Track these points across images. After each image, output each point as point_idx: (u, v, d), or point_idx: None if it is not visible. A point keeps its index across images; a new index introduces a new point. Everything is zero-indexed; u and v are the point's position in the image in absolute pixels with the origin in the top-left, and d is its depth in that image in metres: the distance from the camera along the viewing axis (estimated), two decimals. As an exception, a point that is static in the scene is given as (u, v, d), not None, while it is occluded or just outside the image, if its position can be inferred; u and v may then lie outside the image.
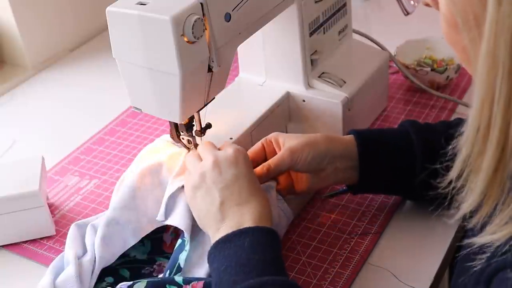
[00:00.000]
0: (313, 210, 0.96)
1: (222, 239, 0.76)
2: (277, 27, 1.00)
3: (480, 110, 0.54)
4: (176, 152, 0.90)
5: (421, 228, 0.91)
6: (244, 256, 0.73)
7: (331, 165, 0.87)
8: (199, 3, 0.78)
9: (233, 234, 0.75)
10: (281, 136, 0.89)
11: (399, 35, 1.28)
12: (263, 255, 0.74)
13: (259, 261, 0.73)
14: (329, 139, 0.88)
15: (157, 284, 0.80)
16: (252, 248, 0.74)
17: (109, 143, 1.17)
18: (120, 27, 0.80)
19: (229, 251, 0.74)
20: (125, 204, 0.87)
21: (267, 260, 0.74)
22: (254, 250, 0.74)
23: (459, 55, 0.61)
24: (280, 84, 1.05)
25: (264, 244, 0.75)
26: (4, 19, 1.37)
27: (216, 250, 0.75)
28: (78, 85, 1.37)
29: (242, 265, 0.72)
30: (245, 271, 0.72)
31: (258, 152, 0.90)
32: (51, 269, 0.85)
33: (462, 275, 0.65)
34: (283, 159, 0.86)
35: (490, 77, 0.53)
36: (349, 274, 0.85)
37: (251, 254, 0.73)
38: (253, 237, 0.74)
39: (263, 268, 0.73)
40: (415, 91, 1.21)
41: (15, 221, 0.93)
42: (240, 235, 0.75)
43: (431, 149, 0.86)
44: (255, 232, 0.75)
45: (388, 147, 0.89)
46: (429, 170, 0.82)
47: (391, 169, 0.88)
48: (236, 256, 0.73)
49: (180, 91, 0.80)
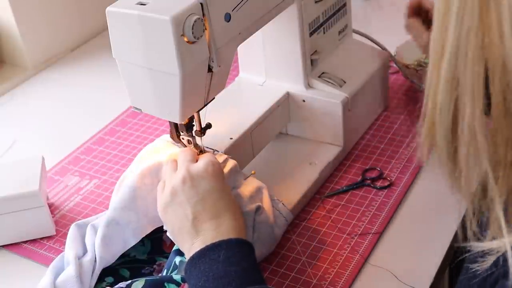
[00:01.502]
0: (313, 210, 0.96)
1: (196, 254, 0.75)
2: (277, 27, 1.00)
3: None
4: (176, 152, 0.90)
5: (421, 228, 0.91)
6: (221, 269, 0.73)
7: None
8: (199, 3, 0.78)
9: (207, 249, 0.75)
10: None
11: (399, 35, 1.27)
12: (240, 266, 0.73)
13: (236, 272, 0.73)
14: None
15: (155, 283, 0.80)
16: (228, 261, 0.73)
17: (109, 143, 1.17)
18: (120, 27, 0.80)
19: (204, 266, 0.74)
20: (126, 205, 0.87)
21: (244, 270, 0.73)
22: (230, 262, 0.73)
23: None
24: (280, 84, 1.05)
25: (240, 255, 0.74)
26: (4, 19, 1.37)
27: (191, 266, 0.75)
28: (78, 85, 1.37)
29: (220, 278, 0.72)
30: (224, 283, 0.72)
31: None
32: (51, 269, 0.85)
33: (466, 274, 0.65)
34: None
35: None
36: (349, 274, 0.85)
37: (227, 267, 0.73)
38: (228, 250, 0.74)
39: (241, 279, 0.72)
40: (415, 91, 1.21)
41: (15, 221, 0.94)
42: (214, 249, 0.74)
43: None
44: (229, 245, 0.75)
45: None
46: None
47: None
48: (213, 270, 0.73)
49: (180, 91, 0.80)
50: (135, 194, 0.87)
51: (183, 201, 0.79)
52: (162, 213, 0.81)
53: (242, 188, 0.86)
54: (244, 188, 0.86)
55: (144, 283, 0.80)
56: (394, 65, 1.21)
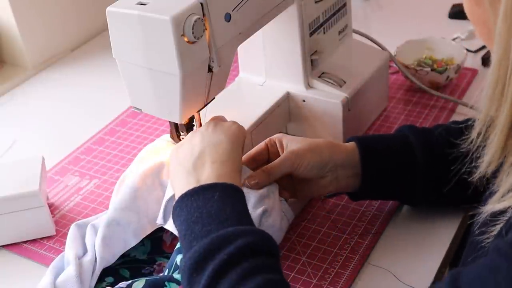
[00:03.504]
0: (313, 210, 0.96)
1: (190, 191, 0.74)
2: (277, 27, 1.00)
3: (497, 69, 0.59)
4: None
5: (421, 228, 0.91)
6: (215, 207, 0.71)
7: (332, 173, 0.86)
8: (199, 3, 0.78)
9: (202, 188, 0.74)
10: (285, 138, 0.88)
11: (399, 35, 1.28)
12: (234, 208, 0.72)
13: (232, 212, 0.71)
14: (332, 146, 0.87)
15: (156, 282, 0.80)
16: (223, 201, 0.72)
17: (109, 143, 1.17)
18: (120, 27, 0.80)
19: (198, 202, 0.72)
20: (126, 205, 0.87)
21: (239, 212, 0.72)
22: (225, 202, 0.72)
23: (479, 29, 0.65)
24: (280, 84, 1.05)
25: (234, 199, 0.73)
26: (4, 19, 1.37)
27: (183, 203, 0.74)
28: (78, 85, 1.37)
29: (215, 215, 0.71)
30: (220, 220, 0.70)
31: (261, 152, 0.89)
32: (51, 269, 0.85)
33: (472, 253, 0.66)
34: (284, 163, 0.85)
35: (507, 38, 0.57)
36: (349, 274, 0.85)
37: (222, 206, 0.72)
38: (223, 192, 0.73)
39: (238, 218, 0.71)
40: (415, 91, 1.21)
41: (15, 221, 0.93)
42: (209, 189, 0.73)
43: (430, 147, 0.87)
44: (224, 188, 0.74)
45: (389, 153, 0.88)
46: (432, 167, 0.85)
47: (392, 175, 0.88)
48: (207, 207, 0.72)
49: (180, 91, 0.80)
50: (136, 194, 0.87)
51: (197, 142, 0.80)
52: (173, 153, 0.82)
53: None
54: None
55: (144, 283, 0.80)
56: (394, 65, 1.21)
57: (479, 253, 0.63)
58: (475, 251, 0.65)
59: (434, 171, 0.86)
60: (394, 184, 0.89)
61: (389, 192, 0.91)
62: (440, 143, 0.87)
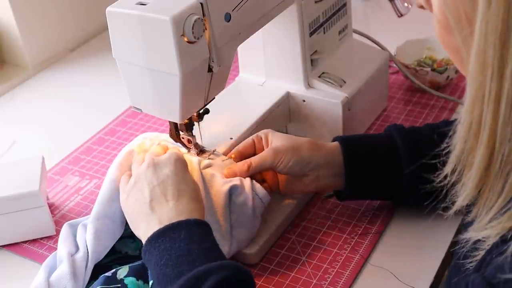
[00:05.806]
0: (313, 210, 0.96)
1: (155, 233, 0.74)
2: (277, 27, 1.00)
3: (471, 108, 0.56)
4: (144, 142, 0.91)
5: (421, 228, 0.91)
6: (183, 247, 0.72)
7: (313, 172, 0.87)
8: (199, 3, 0.78)
9: (167, 228, 0.74)
10: (271, 134, 0.90)
11: (399, 35, 1.28)
12: (202, 245, 0.73)
13: (200, 251, 0.72)
14: (314, 146, 0.88)
15: (139, 268, 0.80)
16: (190, 239, 0.73)
17: (109, 143, 1.17)
18: (120, 27, 0.80)
19: (165, 244, 0.73)
20: (110, 197, 0.87)
21: (207, 249, 0.73)
22: (192, 241, 0.72)
23: (452, 56, 0.62)
24: (280, 84, 1.05)
25: (201, 235, 0.74)
26: (4, 19, 1.37)
27: (151, 246, 0.74)
28: (78, 85, 1.37)
29: (184, 256, 0.71)
30: (189, 261, 0.71)
31: (247, 147, 0.91)
32: (44, 267, 0.85)
33: (455, 276, 0.65)
34: (265, 159, 0.86)
35: (481, 76, 0.54)
36: (349, 274, 0.85)
37: (189, 245, 0.72)
38: (188, 230, 0.74)
39: (206, 257, 0.71)
40: (415, 91, 1.21)
41: (15, 221, 0.93)
42: (174, 228, 0.74)
43: (417, 152, 0.86)
44: (189, 225, 0.74)
45: (373, 153, 0.88)
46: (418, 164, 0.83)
47: (377, 174, 0.88)
48: (175, 248, 0.72)
49: (180, 91, 0.80)
50: (115, 185, 0.87)
51: (143, 185, 0.80)
52: (123, 200, 0.82)
53: (218, 169, 0.87)
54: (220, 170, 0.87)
55: (128, 270, 0.80)
56: (394, 65, 1.21)
57: (463, 275, 0.63)
58: (459, 273, 0.65)
59: (420, 175, 0.84)
60: (379, 183, 0.89)
61: (374, 190, 0.91)
62: (428, 146, 0.85)
